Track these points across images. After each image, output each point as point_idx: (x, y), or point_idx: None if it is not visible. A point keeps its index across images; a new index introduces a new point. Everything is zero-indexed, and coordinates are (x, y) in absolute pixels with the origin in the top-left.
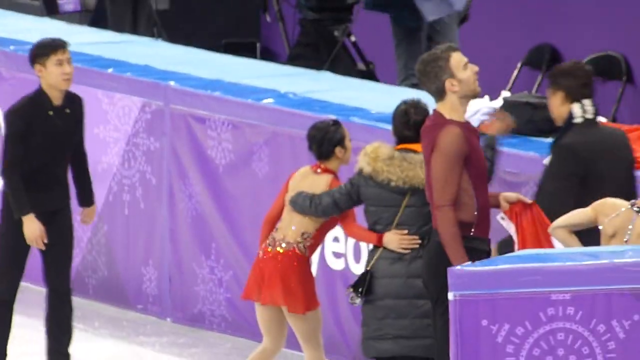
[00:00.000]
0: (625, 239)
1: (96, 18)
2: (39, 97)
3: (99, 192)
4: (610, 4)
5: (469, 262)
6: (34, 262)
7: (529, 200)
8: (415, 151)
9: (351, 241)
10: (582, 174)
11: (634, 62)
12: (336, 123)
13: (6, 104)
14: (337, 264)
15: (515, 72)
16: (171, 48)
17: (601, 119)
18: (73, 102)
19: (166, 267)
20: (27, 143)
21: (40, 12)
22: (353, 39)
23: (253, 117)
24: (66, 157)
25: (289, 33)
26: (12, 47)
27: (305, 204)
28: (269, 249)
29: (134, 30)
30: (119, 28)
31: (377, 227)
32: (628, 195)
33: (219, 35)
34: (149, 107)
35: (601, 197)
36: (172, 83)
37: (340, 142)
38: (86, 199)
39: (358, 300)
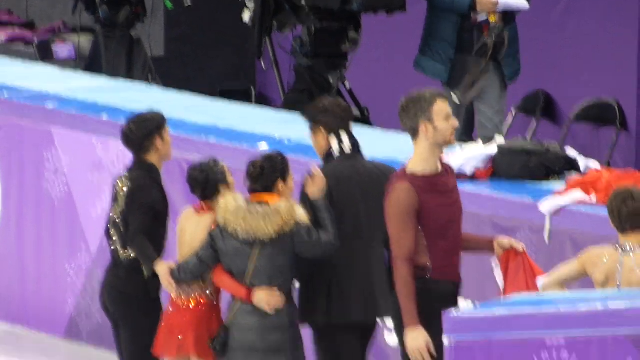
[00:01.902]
0: (617, 283)
1: (91, 65)
2: (153, 170)
3: (93, 237)
4: (604, 51)
5: (461, 307)
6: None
7: (520, 248)
8: (266, 203)
9: None
10: None
11: (627, 108)
12: (216, 162)
13: None
14: None
15: (510, 118)
16: (166, 94)
17: (595, 164)
18: None
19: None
20: (157, 217)
21: (35, 58)
22: (348, 85)
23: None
24: None
25: (284, 79)
26: (5, 94)
27: (175, 275)
28: (179, 301)
29: (129, 76)
30: (113, 74)
31: (235, 279)
32: (376, 233)
33: (214, 81)
34: None
35: (344, 230)
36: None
37: (223, 180)
38: None
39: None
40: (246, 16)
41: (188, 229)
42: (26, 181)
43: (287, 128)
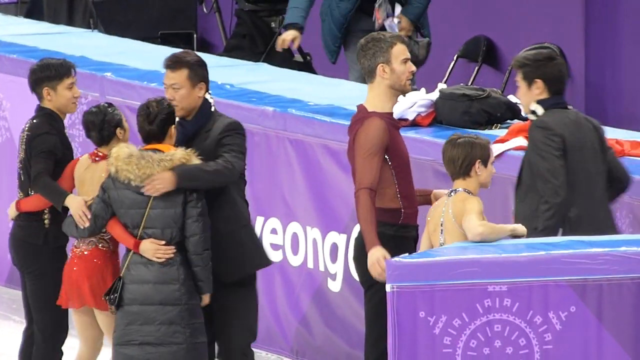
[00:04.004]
0: (440, 221)
1: (32, 9)
2: (53, 117)
3: None
4: None
5: (406, 254)
6: None
7: None
8: (160, 150)
9: (289, 233)
10: None
11: (570, 54)
12: (111, 105)
13: None
14: (274, 256)
15: (452, 64)
16: (107, 39)
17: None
18: None
19: None
20: (58, 163)
21: None
22: None
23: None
24: None
25: (226, 24)
26: None
27: (72, 229)
28: (76, 250)
29: (70, 21)
30: (54, 19)
31: (127, 230)
32: None
33: (156, 26)
34: (85, 98)
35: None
36: (108, 74)
37: (119, 123)
38: None
39: (113, 308)
40: None
41: (86, 178)
42: None
43: (229, 73)
